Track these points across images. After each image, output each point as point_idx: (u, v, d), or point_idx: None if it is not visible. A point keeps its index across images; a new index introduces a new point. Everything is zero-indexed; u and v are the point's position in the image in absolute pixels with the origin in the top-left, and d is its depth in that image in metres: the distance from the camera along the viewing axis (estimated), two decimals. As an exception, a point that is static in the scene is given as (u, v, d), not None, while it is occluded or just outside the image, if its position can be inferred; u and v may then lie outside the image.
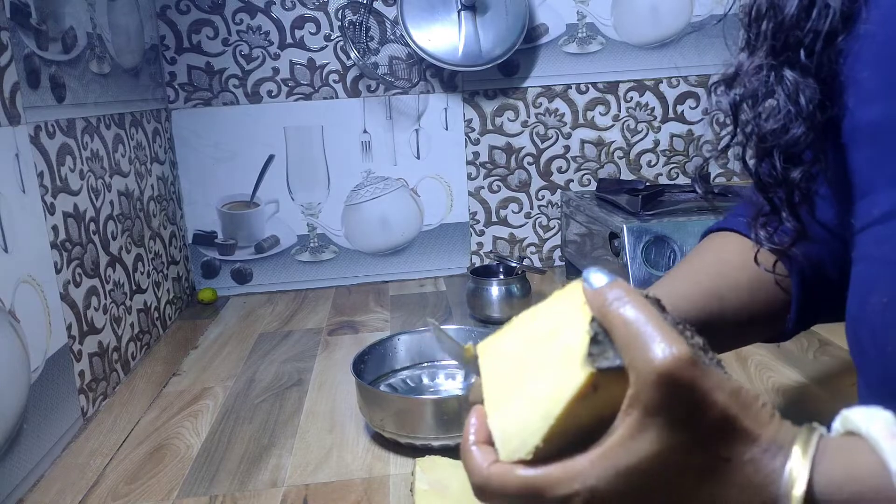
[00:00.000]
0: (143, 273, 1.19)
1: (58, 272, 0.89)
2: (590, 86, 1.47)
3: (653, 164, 1.52)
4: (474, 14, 1.36)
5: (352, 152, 1.45)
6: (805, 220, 0.51)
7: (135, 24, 1.25)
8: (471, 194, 1.50)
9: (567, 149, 1.50)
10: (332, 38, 1.40)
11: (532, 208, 1.52)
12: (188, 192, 1.44)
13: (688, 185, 1.39)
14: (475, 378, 0.46)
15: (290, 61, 1.40)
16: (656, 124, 1.50)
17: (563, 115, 1.48)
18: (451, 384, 0.94)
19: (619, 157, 1.51)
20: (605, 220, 1.16)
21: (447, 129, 1.46)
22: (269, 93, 1.41)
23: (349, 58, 1.40)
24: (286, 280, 1.49)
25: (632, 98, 1.48)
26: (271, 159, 1.44)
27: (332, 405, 0.94)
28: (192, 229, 1.45)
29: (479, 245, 1.52)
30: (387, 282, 1.50)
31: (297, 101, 1.42)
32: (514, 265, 1.26)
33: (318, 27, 1.40)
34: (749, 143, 0.51)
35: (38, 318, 0.83)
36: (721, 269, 0.60)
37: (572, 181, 1.51)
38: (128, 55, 1.21)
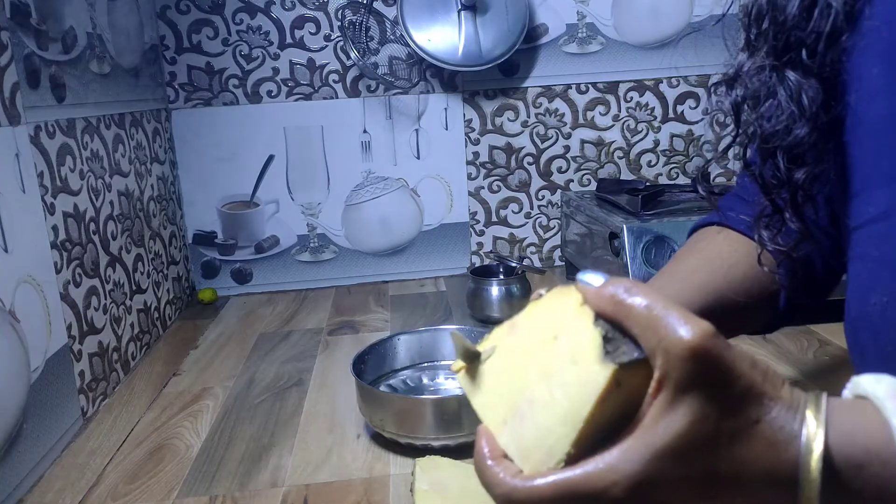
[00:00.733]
0: (143, 273, 1.19)
1: (58, 272, 0.89)
2: (590, 86, 1.47)
3: (653, 164, 1.52)
4: (474, 14, 1.36)
5: (352, 152, 1.45)
6: (808, 220, 0.51)
7: (135, 24, 1.25)
8: (471, 194, 1.50)
9: (567, 149, 1.50)
10: (332, 38, 1.40)
11: (532, 208, 1.52)
12: (188, 192, 1.44)
13: (688, 185, 1.39)
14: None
15: (290, 61, 1.40)
16: (656, 124, 1.50)
17: (563, 115, 1.48)
18: (451, 384, 0.94)
19: (619, 157, 1.51)
20: (605, 220, 1.16)
21: (447, 129, 1.46)
22: (269, 93, 1.41)
23: (349, 58, 1.40)
24: (286, 280, 1.49)
25: (632, 98, 1.48)
26: (271, 159, 1.44)
27: (332, 405, 0.94)
28: (192, 229, 1.45)
29: (479, 245, 1.52)
30: (387, 282, 1.50)
31: (297, 101, 1.42)
32: (514, 265, 1.26)
33: (318, 27, 1.40)
34: (751, 144, 0.51)
35: (38, 318, 0.83)
36: (713, 265, 0.60)
37: (572, 181, 1.51)
38: (128, 55, 1.21)
